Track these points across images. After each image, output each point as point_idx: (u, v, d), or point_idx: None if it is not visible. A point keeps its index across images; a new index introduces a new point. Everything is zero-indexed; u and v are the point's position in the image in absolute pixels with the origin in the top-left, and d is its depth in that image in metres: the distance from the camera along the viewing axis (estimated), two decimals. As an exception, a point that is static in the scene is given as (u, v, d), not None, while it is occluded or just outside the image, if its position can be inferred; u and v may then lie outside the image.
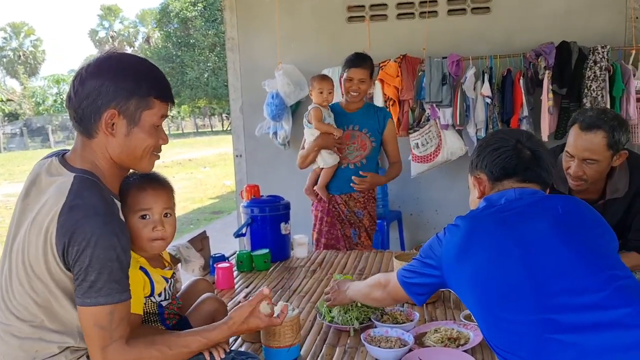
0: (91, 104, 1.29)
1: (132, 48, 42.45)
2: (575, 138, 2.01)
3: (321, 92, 3.09)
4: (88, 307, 1.24)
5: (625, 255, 2.07)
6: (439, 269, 1.44)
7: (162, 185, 1.54)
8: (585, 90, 3.72)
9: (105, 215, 1.25)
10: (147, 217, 1.49)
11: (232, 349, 1.53)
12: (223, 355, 1.42)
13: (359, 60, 3.05)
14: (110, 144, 1.33)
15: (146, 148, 1.37)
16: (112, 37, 42.43)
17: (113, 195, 1.37)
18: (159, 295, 1.55)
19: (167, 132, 1.45)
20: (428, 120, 4.03)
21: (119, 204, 1.37)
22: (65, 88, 36.04)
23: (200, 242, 2.72)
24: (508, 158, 1.45)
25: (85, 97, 1.29)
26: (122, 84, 1.29)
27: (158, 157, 1.44)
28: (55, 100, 35.61)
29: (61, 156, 1.38)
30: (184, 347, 1.35)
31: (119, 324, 1.26)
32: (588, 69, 3.72)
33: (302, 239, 2.95)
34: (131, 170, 1.48)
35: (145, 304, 1.52)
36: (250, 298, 1.52)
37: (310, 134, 3.18)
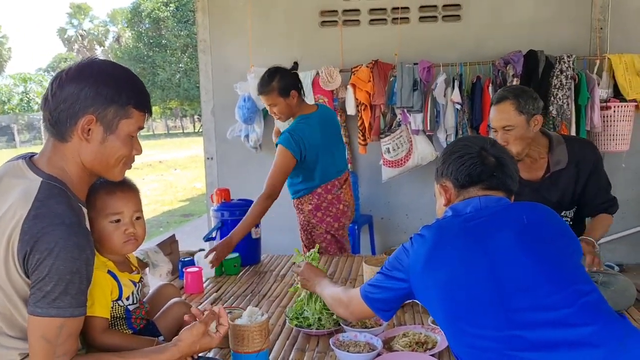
0: (69, 108, 1.27)
1: (102, 47, 41.70)
2: (492, 113, 2.28)
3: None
4: (38, 316, 1.20)
5: (596, 219, 2.32)
6: (406, 281, 1.43)
7: (130, 189, 1.53)
8: (552, 98, 3.81)
9: (71, 225, 1.22)
10: (119, 221, 1.48)
11: (200, 355, 1.51)
12: None
13: (260, 87, 2.91)
14: (84, 150, 1.31)
15: (119, 157, 1.35)
16: (81, 35, 41.58)
17: (80, 202, 1.34)
18: (127, 299, 1.53)
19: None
20: (399, 125, 4.07)
21: (85, 210, 1.35)
22: (32, 87, 35.22)
23: (169, 246, 2.69)
24: (473, 165, 1.46)
25: (63, 100, 1.27)
26: (103, 91, 1.28)
27: (130, 167, 1.42)
28: (21, 99, 34.70)
29: (28, 158, 1.35)
30: None
31: (66, 339, 1.23)
32: (554, 77, 3.81)
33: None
34: None
35: (112, 307, 1.49)
36: (206, 312, 1.47)
37: None
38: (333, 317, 2.00)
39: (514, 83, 3.77)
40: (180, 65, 26.95)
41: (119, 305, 1.51)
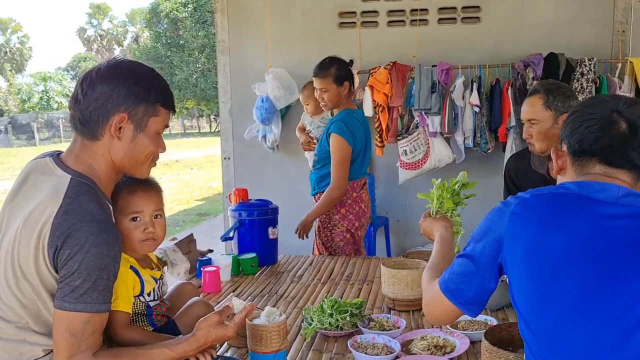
0: (101, 107, 1.30)
1: (120, 47, 42.17)
2: (523, 105, 2.29)
3: (305, 103, 3.18)
4: (64, 311, 1.22)
5: None
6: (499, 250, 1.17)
7: (152, 187, 1.55)
8: (572, 102, 3.77)
9: (101, 222, 1.25)
10: (138, 219, 1.50)
11: (219, 354, 1.52)
12: None
13: (318, 70, 3.00)
14: (115, 147, 1.34)
15: (148, 154, 1.39)
16: (100, 35, 42.10)
17: (107, 199, 1.37)
18: (148, 294, 1.55)
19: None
20: (417, 127, 4.05)
21: (111, 208, 1.37)
22: (52, 86, 35.72)
23: (188, 245, 2.70)
24: (593, 131, 1.13)
25: (95, 99, 1.30)
26: (134, 89, 1.32)
27: (155, 165, 1.45)
28: (41, 98, 35.20)
29: (56, 156, 1.38)
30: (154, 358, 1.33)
31: (90, 334, 1.25)
32: (575, 80, 3.77)
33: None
34: None
35: (134, 303, 1.51)
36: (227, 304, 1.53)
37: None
38: (350, 318, 2.00)
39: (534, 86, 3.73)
40: (198, 65, 27.12)
41: (140, 301, 1.53)
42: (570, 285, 1.06)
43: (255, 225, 2.86)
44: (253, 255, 2.79)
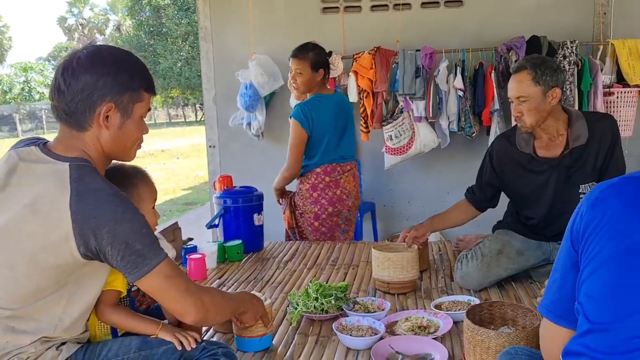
0: (86, 98, 1.30)
1: (102, 36, 41.51)
2: (510, 82, 2.24)
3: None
4: (151, 271, 1.27)
5: None
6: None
7: (151, 181, 1.62)
8: (554, 84, 3.79)
9: (115, 193, 1.28)
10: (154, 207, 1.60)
11: (205, 339, 1.53)
12: (194, 345, 1.41)
13: (297, 51, 3.00)
14: (103, 136, 1.35)
15: (135, 139, 1.42)
16: (81, 24, 41.37)
17: None
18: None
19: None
20: (401, 112, 4.05)
21: None
22: (33, 76, 35.11)
23: (172, 233, 2.70)
24: None
25: (80, 90, 1.29)
26: (119, 78, 1.32)
27: (140, 147, 1.47)
28: (22, 89, 34.61)
29: (42, 145, 1.36)
30: (227, 296, 1.59)
31: (179, 268, 1.37)
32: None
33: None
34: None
35: None
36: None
37: None
38: (335, 302, 2.01)
39: (517, 69, 3.75)
40: (182, 53, 26.81)
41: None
42: None
43: (240, 212, 2.87)
44: (239, 242, 2.80)
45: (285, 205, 3.14)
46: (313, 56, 2.97)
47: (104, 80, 1.30)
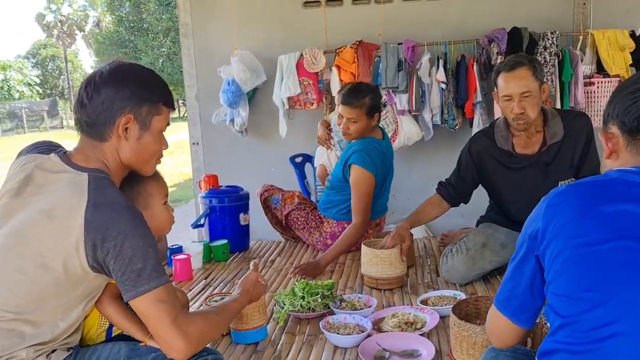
0: (107, 109, 1.36)
1: (82, 32, 40.92)
2: (507, 80, 2.19)
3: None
4: (146, 293, 1.26)
5: None
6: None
7: (159, 174, 1.64)
8: (536, 76, 3.81)
9: (130, 208, 1.31)
10: (166, 202, 1.61)
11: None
12: None
13: (350, 98, 2.67)
14: (122, 147, 1.40)
15: (154, 152, 1.47)
16: (60, 21, 40.67)
17: None
18: None
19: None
20: (385, 106, 4.05)
21: None
22: (12, 74, 34.51)
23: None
24: None
25: (100, 103, 1.35)
26: (137, 91, 1.38)
27: (160, 162, 1.52)
28: (1, 87, 34.03)
29: (62, 154, 1.39)
30: (228, 311, 1.57)
31: (175, 297, 1.33)
32: (538, 54, 3.81)
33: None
34: None
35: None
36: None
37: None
38: (322, 300, 2.01)
39: (499, 61, 3.76)
40: (163, 49, 26.52)
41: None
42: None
43: (226, 212, 2.85)
44: (224, 242, 2.79)
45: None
46: (369, 102, 2.68)
47: (124, 92, 1.36)
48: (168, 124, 1.48)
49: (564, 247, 1.04)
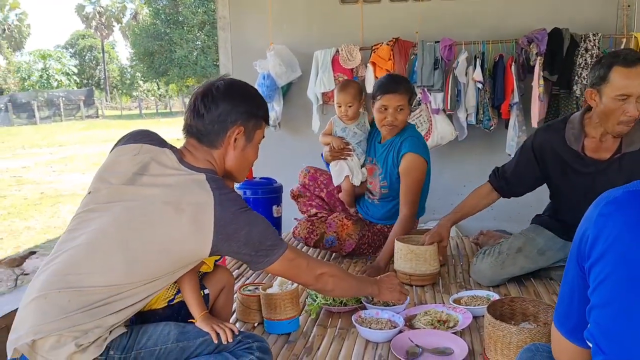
0: (223, 121, 1.53)
1: (119, 24, 41.70)
2: (627, 76, 1.89)
3: (339, 106, 2.75)
4: (280, 258, 1.50)
5: None
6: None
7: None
8: (576, 78, 3.74)
9: (244, 201, 1.50)
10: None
11: (241, 330, 1.55)
12: (231, 339, 1.44)
13: (395, 85, 2.56)
14: (229, 156, 1.58)
15: (251, 162, 1.65)
16: (99, 12, 41.52)
17: None
18: None
19: (155, 111, 1.57)
20: (419, 104, 4.03)
21: None
22: (52, 64, 35.41)
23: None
24: None
25: (217, 114, 1.53)
26: (249, 107, 1.57)
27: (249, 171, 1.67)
28: (41, 76, 34.92)
29: (176, 153, 1.53)
30: (350, 277, 1.81)
31: (299, 251, 1.63)
32: (579, 56, 3.74)
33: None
34: None
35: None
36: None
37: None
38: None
39: (538, 62, 3.70)
40: (198, 42, 26.81)
41: None
42: None
43: (259, 204, 2.88)
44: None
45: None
46: (410, 88, 2.65)
47: (238, 107, 1.54)
48: (263, 137, 1.65)
49: (611, 271, 0.93)
